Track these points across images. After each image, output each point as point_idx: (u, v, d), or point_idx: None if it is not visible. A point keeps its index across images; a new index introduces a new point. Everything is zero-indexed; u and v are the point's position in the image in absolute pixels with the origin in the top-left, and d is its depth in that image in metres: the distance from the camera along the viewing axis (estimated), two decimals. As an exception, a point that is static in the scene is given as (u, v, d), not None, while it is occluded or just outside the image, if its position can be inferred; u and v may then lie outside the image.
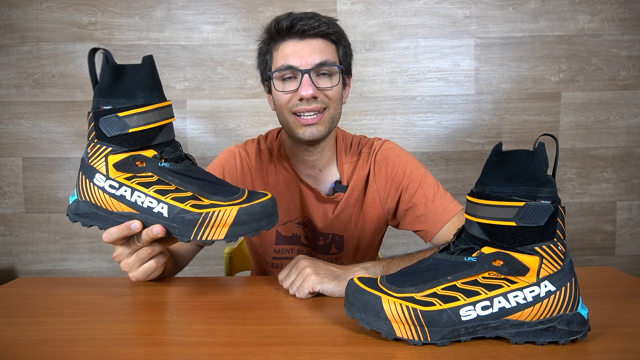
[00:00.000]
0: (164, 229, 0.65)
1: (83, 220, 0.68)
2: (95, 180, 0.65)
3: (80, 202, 0.68)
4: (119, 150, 0.64)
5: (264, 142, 1.05)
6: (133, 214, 0.66)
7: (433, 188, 0.96)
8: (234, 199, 0.65)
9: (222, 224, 0.63)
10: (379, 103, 1.91)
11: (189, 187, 0.65)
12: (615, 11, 1.88)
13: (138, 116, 0.63)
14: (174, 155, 0.67)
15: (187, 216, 0.63)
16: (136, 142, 0.64)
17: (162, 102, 0.66)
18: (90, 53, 0.64)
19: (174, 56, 1.87)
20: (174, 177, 0.65)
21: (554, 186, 0.54)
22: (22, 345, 0.56)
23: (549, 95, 1.91)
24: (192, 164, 0.69)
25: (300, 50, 0.89)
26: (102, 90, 0.64)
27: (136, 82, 0.64)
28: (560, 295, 0.54)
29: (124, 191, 0.65)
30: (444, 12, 1.88)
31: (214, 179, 0.69)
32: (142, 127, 0.63)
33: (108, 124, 0.63)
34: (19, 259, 1.95)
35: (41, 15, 1.85)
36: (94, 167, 0.65)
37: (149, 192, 0.64)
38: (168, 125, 0.67)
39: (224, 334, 0.60)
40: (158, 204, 0.64)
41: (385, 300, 0.55)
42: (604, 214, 1.96)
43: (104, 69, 0.63)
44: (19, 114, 1.89)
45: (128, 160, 0.64)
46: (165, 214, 0.64)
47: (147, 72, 0.64)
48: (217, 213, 0.63)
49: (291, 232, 1.03)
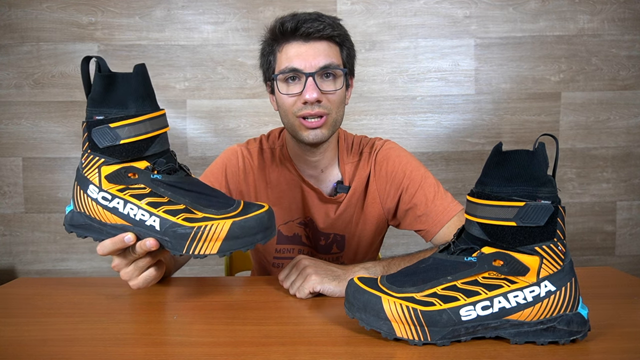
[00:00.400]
0: (157, 242, 0.64)
1: (78, 231, 0.67)
2: (89, 192, 0.65)
3: (75, 213, 0.67)
4: (111, 161, 0.63)
5: (266, 142, 1.05)
6: (126, 227, 0.65)
7: (433, 188, 0.96)
8: (227, 211, 0.63)
9: (215, 238, 0.61)
10: (379, 103, 1.91)
11: (182, 200, 0.63)
12: (615, 11, 1.88)
13: (129, 127, 0.61)
14: (166, 167, 0.65)
15: (179, 230, 0.62)
16: (128, 153, 0.62)
17: (154, 111, 0.64)
18: (83, 61, 0.63)
19: (174, 56, 1.87)
20: (167, 190, 0.63)
21: (554, 186, 0.54)
22: (22, 345, 0.56)
23: (549, 95, 1.91)
24: (187, 174, 0.67)
25: (305, 53, 0.89)
26: (95, 100, 0.63)
27: (128, 92, 0.62)
28: (560, 295, 0.54)
29: (116, 203, 0.63)
30: (444, 12, 1.88)
31: (209, 190, 0.67)
32: (134, 138, 0.62)
33: (100, 134, 0.62)
34: (19, 259, 1.95)
35: (41, 15, 1.85)
36: (87, 178, 0.64)
37: (142, 204, 0.63)
38: (161, 136, 0.65)
39: (224, 334, 0.60)
40: (150, 217, 0.63)
41: (386, 300, 0.55)
42: (604, 214, 1.96)
43: (96, 78, 0.62)
44: (19, 114, 1.89)
45: (120, 172, 0.63)
46: (158, 227, 0.63)
47: (139, 81, 0.62)
48: (210, 227, 0.61)
49: (292, 231, 1.03)
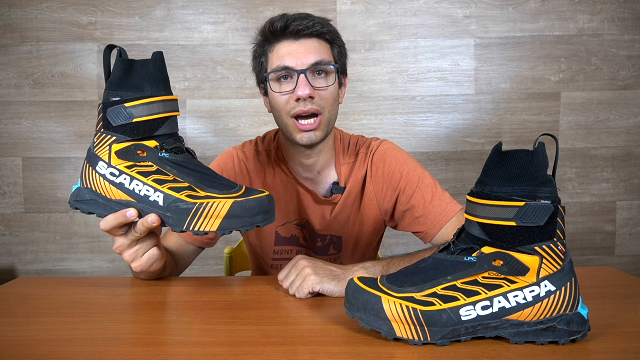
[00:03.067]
0: (159, 218, 0.66)
1: (83, 207, 0.70)
2: (97, 168, 0.67)
3: (82, 189, 0.70)
4: (122, 139, 0.66)
5: (262, 144, 1.05)
6: (130, 202, 0.67)
7: (431, 189, 0.96)
8: (230, 192, 0.66)
9: (216, 216, 0.63)
10: (379, 103, 1.91)
11: (187, 179, 0.66)
12: (615, 11, 1.88)
13: (143, 107, 0.65)
14: (174, 146, 0.68)
15: (181, 205, 0.64)
16: (139, 131, 0.66)
17: (168, 95, 0.68)
18: (106, 49, 0.67)
19: (174, 56, 1.87)
20: (173, 168, 0.66)
21: (554, 186, 0.54)
22: (22, 345, 0.56)
23: (549, 95, 1.91)
24: (193, 157, 0.70)
25: (296, 50, 0.89)
26: (113, 84, 0.66)
27: (145, 76, 0.66)
28: (561, 295, 0.54)
29: (123, 179, 0.66)
30: (444, 12, 1.88)
31: (213, 173, 0.70)
32: (147, 117, 0.65)
33: (115, 114, 0.65)
34: (19, 259, 1.95)
35: (41, 15, 1.85)
36: (98, 155, 0.67)
37: (147, 181, 0.66)
38: (172, 119, 0.69)
39: (224, 334, 0.60)
40: (154, 193, 0.65)
41: (385, 300, 0.55)
42: (604, 214, 1.96)
43: (117, 63, 0.65)
44: (19, 114, 1.89)
45: (130, 149, 0.66)
46: (161, 203, 0.65)
47: (156, 67, 0.67)
48: (212, 204, 0.63)
49: (290, 233, 1.03)
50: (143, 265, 0.74)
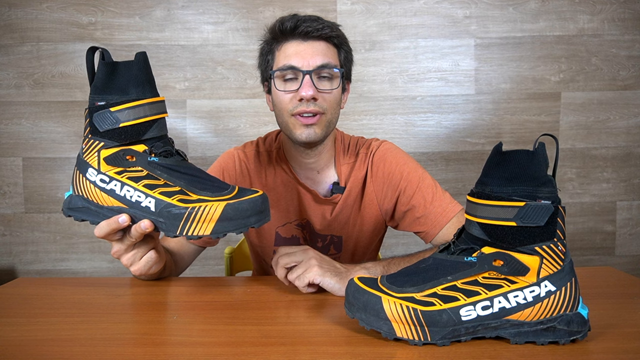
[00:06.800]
0: (152, 223, 0.65)
1: (76, 214, 0.69)
2: (87, 175, 0.66)
3: (74, 196, 0.69)
4: (110, 144, 0.65)
5: (263, 145, 1.06)
6: (122, 208, 0.66)
7: (431, 189, 0.96)
8: (222, 194, 0.65)
9: (209, 219, 0.63)
10: (379, 103, 1.91)
11: (178, 182, 0.65)
12: (615, 11, 1.88)
13: (129, 110, 0.64)
14: (163, 150, 0.67)
15: (173, 210, 0.63)
16: (127, 136, 0.65)
17: (153, 97, 0.66)
18: (88, 52, 0.65)
19: (174, 56, 1.86)
20: (163, 172, 0.65)
21: (554, 186, 0.54)
22: (22, 345, 0.56)
23: (549, 95, 1.91)
24: (183, 159, 0.69)
25: (303, 51, 0.89)
26: (97, 87, 0.65)
27: (129, 78, 0.65)
28: (561, 295, 0.54)
29: (114, 185, 0.65)
30: (444, 12, 1.88)
31: (204, 175, 0.69)
32: (133, 121, 0.64)
33: (101, 119, 0.64)
34: (19, 259, 1.95)
35: (41, 15, 1.85)
36: (87, 161, 0.66)
37: (138, 186, 0.65)
38: (160, 121, 0.67)
39: (224, 334, 0.60)
40: (146, 198, 0.65)
41: (386, 300, 0.55)
42: (604, 214, 1.96)
43: (100, 67, 0.64)
44: (19, 114, 1.89)
45: (119, 154, 0.65)
46: (153, 208, 0.64)
47: (139, 68, 0.65)
48: (204, 208, 0.63)
49: (290, 233, 1.03)
50: (141, 269, 0.74)
